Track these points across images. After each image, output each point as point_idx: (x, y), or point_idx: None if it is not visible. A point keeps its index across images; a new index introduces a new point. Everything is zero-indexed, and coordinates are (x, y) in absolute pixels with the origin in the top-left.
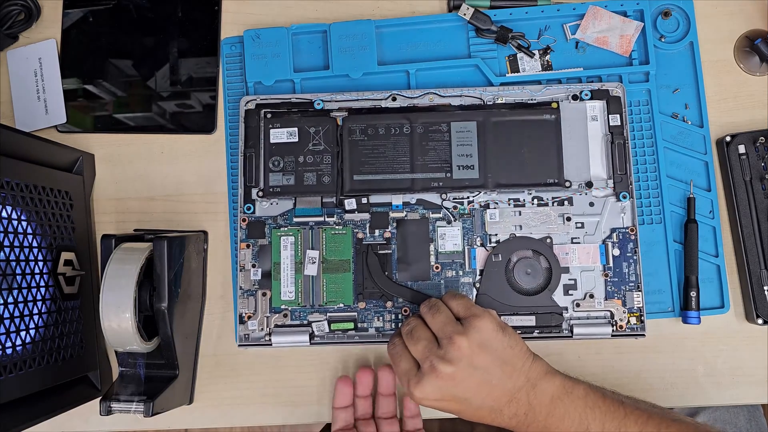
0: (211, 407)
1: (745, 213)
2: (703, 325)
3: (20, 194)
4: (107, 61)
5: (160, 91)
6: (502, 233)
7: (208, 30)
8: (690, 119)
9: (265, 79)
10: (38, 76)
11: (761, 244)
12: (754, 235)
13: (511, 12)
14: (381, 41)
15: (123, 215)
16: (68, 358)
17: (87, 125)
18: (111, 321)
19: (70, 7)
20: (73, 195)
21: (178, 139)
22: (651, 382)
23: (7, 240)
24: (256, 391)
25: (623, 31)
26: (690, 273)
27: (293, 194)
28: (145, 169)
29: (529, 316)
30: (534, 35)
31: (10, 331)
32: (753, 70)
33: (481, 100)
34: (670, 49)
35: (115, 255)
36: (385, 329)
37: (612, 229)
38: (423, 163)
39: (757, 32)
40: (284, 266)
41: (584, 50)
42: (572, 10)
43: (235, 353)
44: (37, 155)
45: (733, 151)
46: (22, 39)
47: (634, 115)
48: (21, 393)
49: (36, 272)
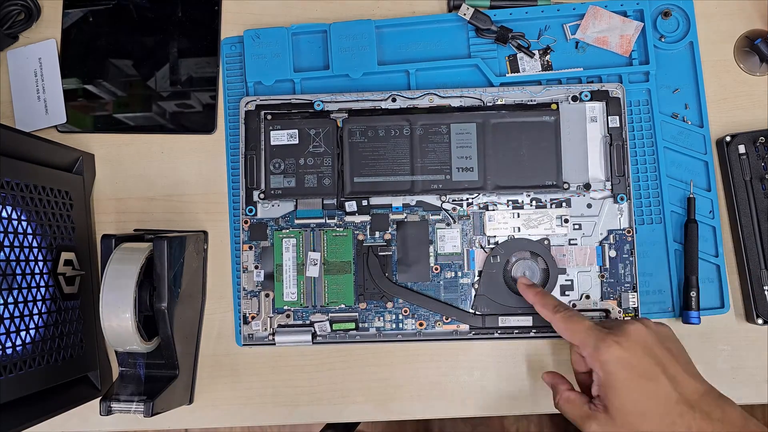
0: (211, 407)
1: (745, 213)
2: (703, 326)
3: (20, 194)
4: (107, 61)
5: (160, 91)
6: (501, 235)
7: (208, 30)
8: (690, 119)
9: (265, 78)
10: (38, 76)
11: (761, 244)
12: (754, 235)
13: (511, 12)
14: (381, 41)
15: (123, 215)
16: (68, 358)
17: (87, 125)
18: (111, 321)
19: (70, 7)
20: (73, 195)
21: (178, 139)
22: None
23: (7, 240)
24: (255, 391)
25: (623, 31)
26: (690, 273)
27: (294, 196)
28: (145, 169)
29: (526, 317)
30: (534, 35)
31: (10, 331)
32: (753, 70)
33: (480, 101)
34: (670, 49)
35: (115, 255)
36: (385, 329)
37: (609, 231)
38: (423, 165)
39: (757, 32)
40: (286, 268)
41: (584, 50)
42: (572, 10)
43: (235, 353)
44: (37, 155)
45: (733, 151)
46: (22, 39)
47: (634, 115)
48: (21, 393)
49: (36, 272)
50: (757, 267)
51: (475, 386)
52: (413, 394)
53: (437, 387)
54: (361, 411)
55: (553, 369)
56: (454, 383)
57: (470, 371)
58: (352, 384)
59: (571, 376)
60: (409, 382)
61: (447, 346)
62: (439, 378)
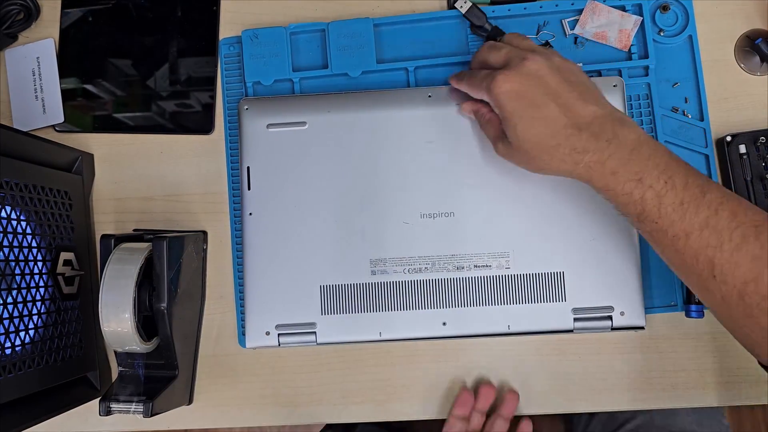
0: (211, 407)
1: None
2: (704, 326)
3: (19, 194)
4: (106, 60)
5: (159, 91)
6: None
7: (206, 30)
8: (690, 113)
9: (263, 78)
10: (36, 76)
11: None
12: None
13: (510, 8)
14: (380, 39)
15: (122, 215)
16: (67, 358)
17: (86, 125)
18: (110, 321)
19: (69, 6)
20: (73, 195)
21: (177, 139)
22: (651, 383)
23: (6, 240)
24: (255, 391)
25: (622, 26)
26: None
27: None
28: (145, 169)
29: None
30: (533, 31)
31: (10, 331)
32: (753, 69)
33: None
34: (669, 43)
35: (114, 255)
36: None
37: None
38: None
39: (757, 32)
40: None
41: (583, 45)
42: (570, 5)
43: (235, 353)
44: (37, 155)
45: (733, 151)
46: (21, 39)
47: (634, 110)
48: (20, 393)
49: (35, 272)
50: None
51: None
52: (413, 395)
53: (437, 387)
54: (361, 411)
55: (554, 371)
56: (454, 384)
57: (470, 372)
58: (352, 384)
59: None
60: (409, 383)
61: (447, 347)
62: (439, 378)
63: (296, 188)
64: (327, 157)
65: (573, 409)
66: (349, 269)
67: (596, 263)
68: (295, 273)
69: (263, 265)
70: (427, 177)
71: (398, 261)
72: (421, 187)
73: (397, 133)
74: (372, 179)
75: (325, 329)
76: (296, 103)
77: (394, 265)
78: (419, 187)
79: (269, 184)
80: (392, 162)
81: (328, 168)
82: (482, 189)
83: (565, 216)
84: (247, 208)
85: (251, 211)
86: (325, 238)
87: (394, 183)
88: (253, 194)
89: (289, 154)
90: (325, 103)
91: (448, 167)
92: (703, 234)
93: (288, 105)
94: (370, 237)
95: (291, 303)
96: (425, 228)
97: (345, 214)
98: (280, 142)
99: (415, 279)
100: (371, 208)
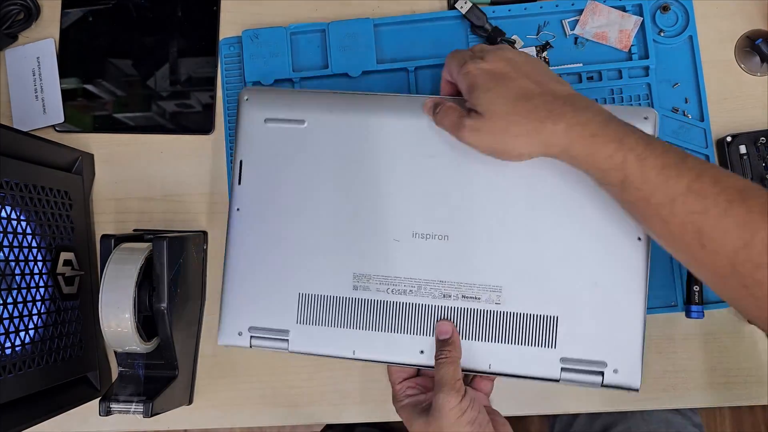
0: (211, 407)
1: None
2: (704, 326)
3: (19, 194)
4: (106, 60)
5: (159, 91)
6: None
7: (207, 30)
8: (690, 113)
9: (264, 78)
10: (36, 76)
11: None
12: None
13: (510, 8)
14: (380, 39)
15: (122, 215)
16: (67, 358)
17: (86, 125)
18: (110, 321)
19: (69, 6)
20: (73, 195)
21: (177, 139)
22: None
23: (6, 240)
24: (255, 391)
25: (622, 26)
26: None
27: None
28: (145, 169)
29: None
30: (533, 31)
31: (10, 331)
32: (754, 70)
33: None
34: (669, 44)
35: (114, 255)
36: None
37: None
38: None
39: (757, 32)
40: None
41: (583, 46)
42: (571, 6)
43: (235, 353)
44: (37, 155)
45: (734, 152)
46: (21, 39)
47: None
48: (21, 393)
49: (35, 272)
50: None
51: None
52: None
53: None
54: (361, 412)
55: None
56: None
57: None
58: (352, 385)
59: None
60: None
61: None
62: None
63: (287, 188)
64: (323, 160)
65: (569, 410)
66: (331, 280)
67: (595, 312)
68: (276, 276)
69: (244, 263)
70: (424, 194)
71: (382, 279)
72: (417, 204)
73: (398, 142)
74: (366, 188)
75: (297, 338)
76: (297, 99)
77: (377, 282)
78: (415, 203)
79: (261, 181)
80: (390, 173)
81: (323, 171)
82: (482, 215)
83: (568, 255)
84: (236, 203)
85: (239, 207)
86: (310, 243)
87: (390, 196)
88: (243, 189)
89: (285, 153)
90: (328, 102)
91: (449, 186)
92: (687, 200)
93: (289, 100)
94: (357, 250)
95: (267, 307)
96: (416, 248)
97: (334, 221)
98: (277, 138)
99: (397, 300)
100: (362, 220)
